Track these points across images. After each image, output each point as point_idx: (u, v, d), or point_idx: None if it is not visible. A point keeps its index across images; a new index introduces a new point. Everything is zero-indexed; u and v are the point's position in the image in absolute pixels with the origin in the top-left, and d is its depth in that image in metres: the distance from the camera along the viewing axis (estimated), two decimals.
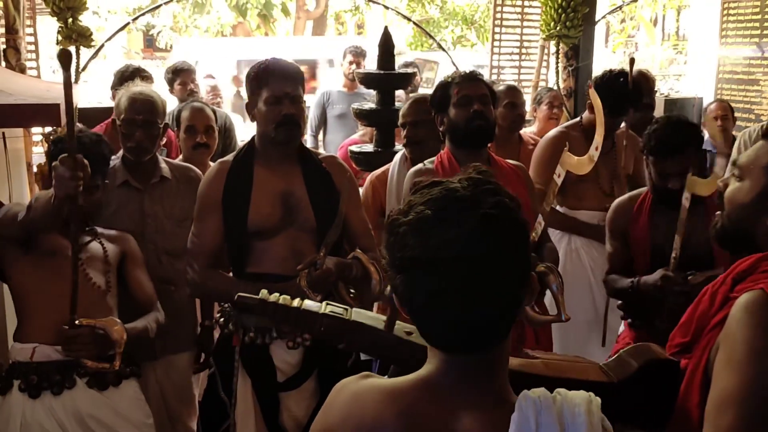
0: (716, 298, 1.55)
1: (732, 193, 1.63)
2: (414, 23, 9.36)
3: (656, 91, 4.49)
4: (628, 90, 3.54)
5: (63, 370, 2.38)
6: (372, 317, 1.70)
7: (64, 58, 2.15)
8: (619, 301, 2.95)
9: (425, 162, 2.87)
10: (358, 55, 6.22)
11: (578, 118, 3.93)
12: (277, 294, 1.78)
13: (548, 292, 2.36)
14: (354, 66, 6.09)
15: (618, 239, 2.94)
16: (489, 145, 2.90)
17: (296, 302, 1.74)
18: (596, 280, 3.55)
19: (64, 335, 2.32)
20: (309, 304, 1.74)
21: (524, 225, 1.15)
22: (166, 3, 7.12)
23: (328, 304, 1.72)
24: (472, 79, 2.83)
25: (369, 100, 6.36)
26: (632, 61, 3.61)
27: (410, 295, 1.13)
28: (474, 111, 2.74)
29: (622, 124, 3.71)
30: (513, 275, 1.12)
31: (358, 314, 1.70)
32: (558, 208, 3.80)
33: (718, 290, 1.56)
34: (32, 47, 5.30)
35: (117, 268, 2.63)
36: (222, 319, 2.63)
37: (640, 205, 2.89)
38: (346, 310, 1.70)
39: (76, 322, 2.31)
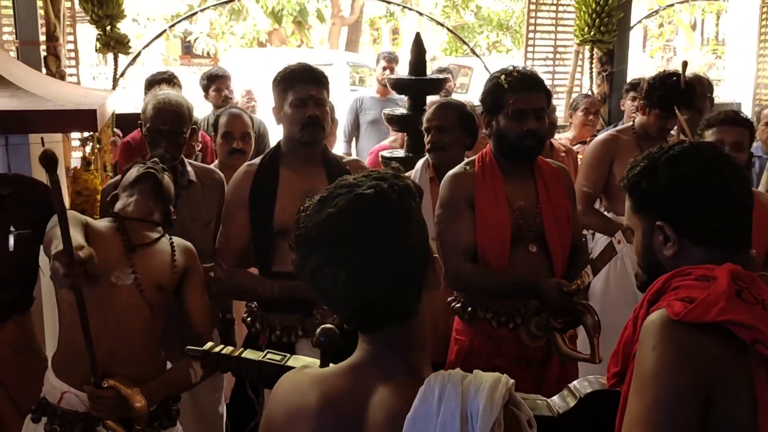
0: (637, 322, 1.50)
1: (635, 247, 1.64)
2: (448, 29, 9.36)
3: (710, 97, 4.40)
4: (680, 90, 3.50)
5: (87, 423, 2.24)
6: (309, 362, 1.81)
7: (49, 163, 1.82)
8: None
9: (465, 165, 2.76)
10: (392, 60, 6.24)
11: (630, 123, 3.89)
12: (221, 345, 1.96)
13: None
14: (387, 72, 6.11)
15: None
16: None
17: (237, 352, 1.91)
18: None
19: (88, 393, 2.16)
20: (248, 353, 1.91)
21: (407, 209, 1.20)
22: (202, 10, 7.25)
23: (268, 352, 1.89)
24: (529, 87, 2.59)
25: (401, 105, 6.39)
26: (685, 64, 3.58)
27: (302, 273, 1.25)
28: (528, 129, 2.56)
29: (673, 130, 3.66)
30: (392, 254, 1.18)
31: (296, 360, 1.85)
32: (606, 213, 3.77)
33: (638, 314, 1.51)
34: (72, 54, 5.40)
35: (177, 285, 2.41)
36: (249, 318, 2.67)
37: None
38: (284, 357, 1.87)
39: (103, 383, 2.16)
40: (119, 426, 2.17)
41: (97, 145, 4.34)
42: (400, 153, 3.77)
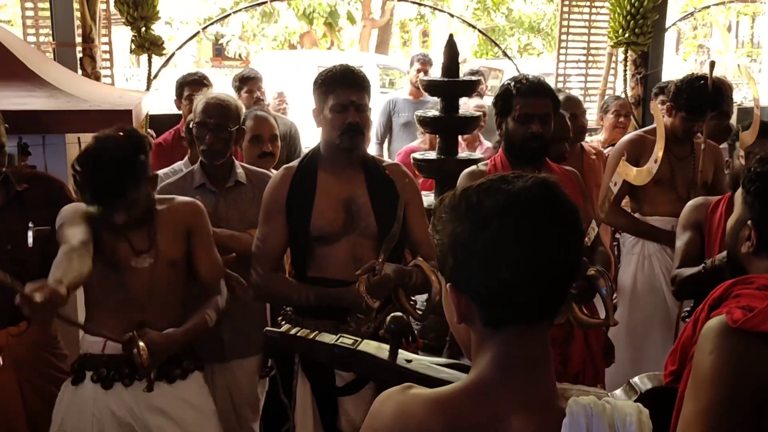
0: (697, 325, 1.55)
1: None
2: (479, 31, 9.32)
3: (734, 102, 4.37)
4: (708, 92, 3.47)
5: (133, 363, 2.39)
6: (377, 347, 1.96)
7: None
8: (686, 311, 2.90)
9: (479, 164, 2.91)
10: (426, 63, 6.23)
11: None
12: (297, 328, 2.13)
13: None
14: (421, 74, 6.10)
15: (691, 230, 2.86)
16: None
17: (313, 334, 2.07)
18: (670, 287, 3.48)
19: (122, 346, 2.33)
20: (322, 336, 2.07)
21: (575, 205, 1.16)
22: (234, 12, 7.29)
23: (341, 336, 2.03)
24: (535, 93, 2.76)
25: (434, 107, 6.36)
26: (712, 65, 3.55)
27: (473, 246, 1.12)
28: (531, 132, 2.72)
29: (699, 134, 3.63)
30: (569, 251, 1.13)
31: (367, 345, 1.96)
32: (632, 213, 3.75)
33: (699, 317, 1.56)
34: (107, 56, 5.47)
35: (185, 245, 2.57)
36: (283, 322, 2.67)
37: (718, 202, 2.84)
38: (356, 341, 1.98)
39: (125, 336, 2.31)
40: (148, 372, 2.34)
41: None
42: (433, 155, 3.75)
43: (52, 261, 2.63)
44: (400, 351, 1.89)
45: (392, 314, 1.86)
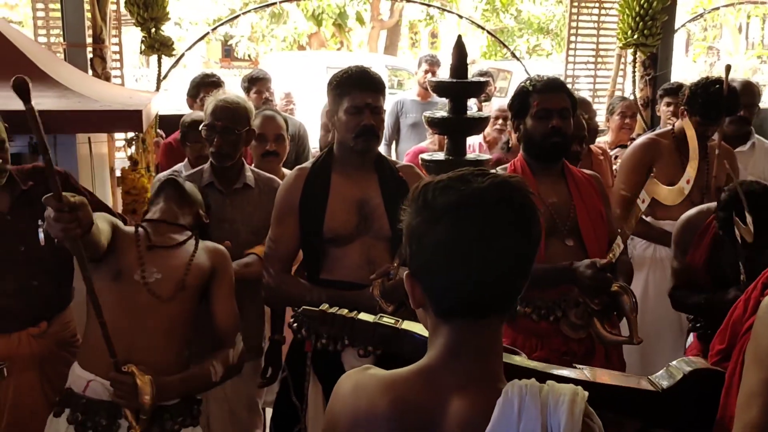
0: (749, 303, 1.58)
1: None
2: (488, 32, 9.32)
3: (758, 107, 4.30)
4: (723, 97, 3.43)
5: (109, 414, 2.26)
6: (422, 327, 1.83)
7: (21, 90, 1.78)
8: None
9: (497, 169, 2.84)
10: (433, 64, 6.23)
11: (670, 127, 3.84)
12: (336, 307, 2.10)
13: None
14: (429, 75, 6.10)
15: (684, 254, 2.89)
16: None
17: (353, 314, 2.04)
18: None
19: (110, 377, 2.19)
20: (363, 315, 2.03)
21: (535, 206, 1.19)
22: (244, 13, 7.31)
23: (381, 316, 2.00)
24: (553, 89, 2.72)
25: (442, 108, 6.34)
26: (728, 68, 3.49)
27: (422, 241, 1.18)
28: (552, 127, 2.66)
29: (715, 135, 3.60)
30: (518, 252, 1.16)
31: (409, 324, 1.93)
32: (644, 217, 3.73)
33: (750, 295, 1.58)
34: (117, 56, 5.50)
35: (202, 286, 2.43)
36: (295, 324, 2.65)
37: (708, 225, 2.82)
38: (397, 321, 1.96)
39: (124, 368, 2.17)
40: (133, 416, 2.18)
41: (142, 146, 4.41)
42: (441, 156, 3.75)
43: (67, 257, 2.60)
44: None
45: None
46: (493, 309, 1.19)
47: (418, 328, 1.96)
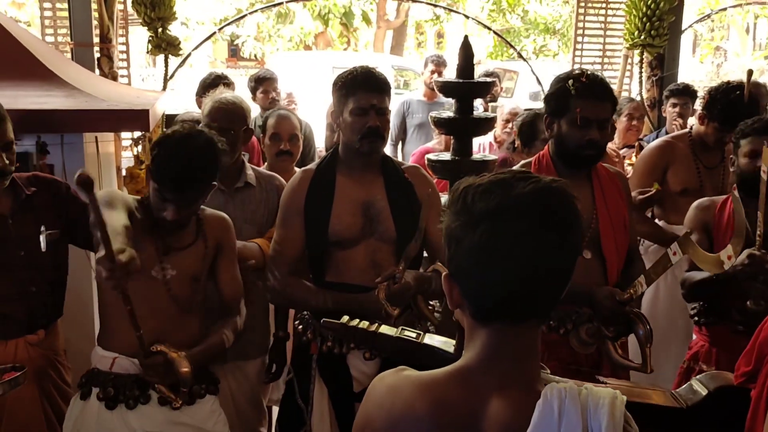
0: None
1: None
2: (495, 32, 9.30)
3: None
4: (744, 103, 3.37)
5: (139, 385, 2.36)
6: (443, 341, 1.92)
7: (86, 185, 1.85)
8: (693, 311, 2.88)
9: (520, 165, 2.78)
10: (440, 64, 6.23)
11: (687, 129, 3.80)
12: (357, 319, 2.14)
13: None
14: (435, 75, 6.11)
15: (698, 232, 2.80)
16: None
17: (374, 327, 2.10)
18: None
19: (141, 363, 2.29)
20: (384, 328, 2.07)
21: (577, 212, 1.18)
22: (250, 13, 7.32)
23: (403, 329, 2.02)
24: (597, 96, 2.54)
25: (449, 109, 6.33)
26: (750, 73, 3.42)
27: (463, 246, 1.17)
28: (589, 140, 2.52)
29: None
30: (558, 257, 1.15)
31: (431, 338, 1.94)
32: (657, 221, 3.70)
33: None
34: (124, 56, 5.51)
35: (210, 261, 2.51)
36: (300, 327, 2.64)
37: (724, 202, 2.80)
38: (419, 335, 1.97)
39: (152, 348, 2.26)
40: (169, 390, 2.29)
41: (149, 145, 4.42)
42: (448, 156, 3.75)
43: (63, 265, 2.67)
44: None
45: None
46: (530, 314, 1.19)
47: (438, 342, 1.97)
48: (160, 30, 5.34)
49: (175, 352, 2.27)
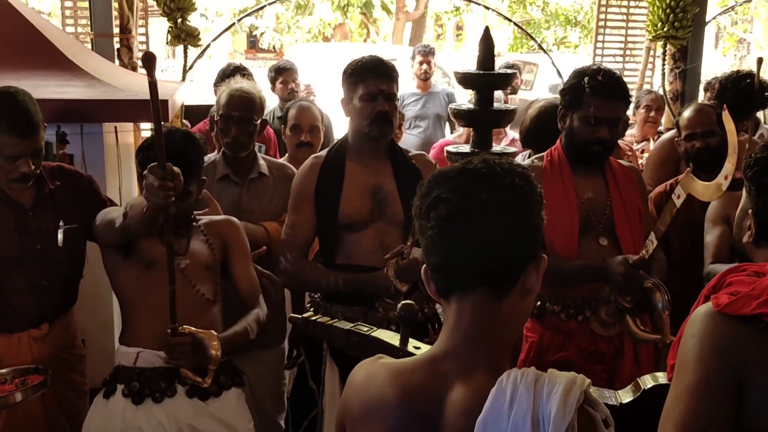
0: None
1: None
2: (515, 24, 9.24)
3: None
4: (754, 91, 3.37)
5: (165, 378, 2.35)
6: (392, 336, 2.08)
7: (148, 62, 1.99)
8: None
9: (534, 158, 2.81)
10: (427, 54, 6.24)
11: None
12: (319, 315, 2.37)
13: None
14: (425, 66, 6.15)
15: (721, 224, 2.79)
16: None
17: (331, 322, 2.31)
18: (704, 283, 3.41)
19: (167, 342, 2.26)
20: (338, 323, 2.28)
21: (516, 186, 1.20)
22: (269, 4, 7.29)
23: (357, 324, 2.23)
24: (610, 96, 2.55)
25: (446, 99, 6.30)
26: (760, 61, 3.43)
27: (434, 219, 1.22)
28: (598, 137, 2.55)
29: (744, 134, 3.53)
30: (517, 220, 1.19)
31: (381, 333, 2.12)
32: None
33: (695, 310, 1.53)
34: (143, 47, 5.52)
35: (223, 260, 2.53)
36: (312, 309, 2.69)
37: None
38: (371, 329, 2.15)
39: (179, 329, 2.26)
40: (194, 374, 2.28)
41: None
42: (465, 148, 3.72)
43: (79, 261, 2.67)
44: (410, 339, 1.98)
45: (402, 302, 1.95)
46: (480, 281, 1.20)
47: (386, 336, 2.09)
48: (179, 21, 5.33)
49: (203, 332, 2.27)
